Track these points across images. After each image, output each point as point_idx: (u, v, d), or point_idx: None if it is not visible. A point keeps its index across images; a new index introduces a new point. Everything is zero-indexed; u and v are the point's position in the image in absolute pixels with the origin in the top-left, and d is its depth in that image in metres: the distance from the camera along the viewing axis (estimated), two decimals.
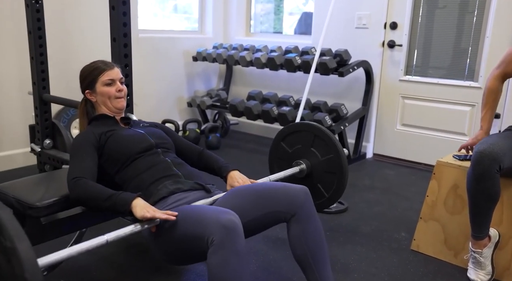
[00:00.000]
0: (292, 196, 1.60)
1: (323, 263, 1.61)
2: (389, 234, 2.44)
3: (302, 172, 2.16)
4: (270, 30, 4.73)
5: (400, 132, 3.77)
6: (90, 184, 1.57)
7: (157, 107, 4.19)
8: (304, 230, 1.59)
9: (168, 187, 1.65)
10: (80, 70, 1.87)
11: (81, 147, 1.71)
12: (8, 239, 1.03)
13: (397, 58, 3.67)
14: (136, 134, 1.81)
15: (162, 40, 4.17)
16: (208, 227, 1.36)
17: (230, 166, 1.90)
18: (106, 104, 1.83)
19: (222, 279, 1.32)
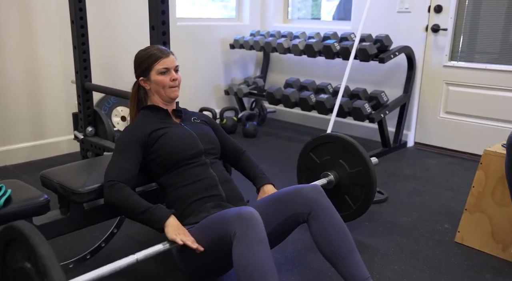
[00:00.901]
0: (305, 195, 1.61)
1: (349, 254, 1.58)
2: (431, 226, 2.36)
3: (330, 184, 2.15)
4: (307, 17, 4.65)
5: (444, 120, 3.64)
6: (127, 193, 1.60)
7: (195, 96, 4.22)
8: (323, 226, 1.59)
9: (210, 211, 1.67)
10: (135, 55, 1.84)
11: (127, 145, 1.72)
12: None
13: (441, 43, 3.52)
14: (187, 135, 1.80)
15: (200, 28, 4.17)
16: (229, 223, 1.41)
17: (265, 179, 1.92)
18: (159, 93, 1.80)
19: (246, 266, 1.35)
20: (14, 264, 1.24)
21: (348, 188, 2.15)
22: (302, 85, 3.89)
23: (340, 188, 2.17)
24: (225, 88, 4.47)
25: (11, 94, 3.15)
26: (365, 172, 2.09)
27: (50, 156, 3.36)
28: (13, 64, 3.12)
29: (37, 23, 3.18)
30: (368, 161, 2.09)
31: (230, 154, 2.00)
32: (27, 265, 1.16)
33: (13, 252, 1.25)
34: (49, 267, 1.09)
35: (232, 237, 1.39)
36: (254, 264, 1.35)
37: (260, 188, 1.89)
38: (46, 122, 3.35)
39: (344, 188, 2.16)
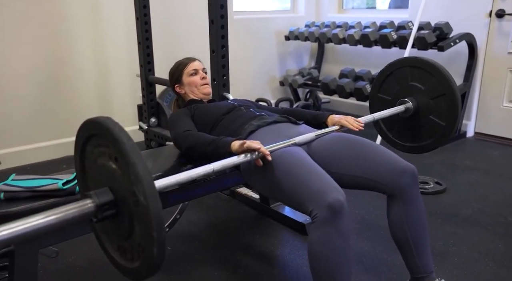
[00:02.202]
0: (399, 175, 1.49)
1: (424, 247, 1.53)
2: (493, 218, 2.25)
3: (408, 111, 1.97)
4: (362, 6, 4.52)
5: (507, 109, 3.43)
6: (195, 133, 1.70)
7: (251, 86, 4.24)
8: (407, 212, 1.51)
9: (254, 124, 1.69)
10: (169, 71, 2.09)
11: (180, 117, 1.85)
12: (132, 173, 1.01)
13: (506, 28, 3.31)
14: (220, 102, 1.97)
15: (255, 21, 4.18)
16: (313, 200, 1.31)
17: (326, 113, 1.88)
18: (194, 92, 2.02)
19: (323, 256, 1.31)
20: (96, 158, 1.18)
21: (430, 107, 1.96)
22: (357, 75, 3.81)
23: (422, 113, 1.98)
24: (280, 79, 4.46)
25: (82, 87, 3.32)
26: (440, 80, 1.89)
27: None
28: (84, 59, 3.29)
29: (105, 21, 3.32)
30: (438, 66, 1.90)
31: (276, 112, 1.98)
32: (112, 165, 1.10)
33: (96, 146, 1.19)
34: (141, 176, 0.99)
35: (311, 214, 1.31)
36: (330, 255, 1.30)
37: (327, 120, 1.82)
38: (113, 113, 3.50)
39: (426, 109, 1.97)
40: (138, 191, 1.01)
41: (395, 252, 1.66)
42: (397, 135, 2.12)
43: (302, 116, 1.90)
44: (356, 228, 2.17)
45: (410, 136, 2.07)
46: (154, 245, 1.01)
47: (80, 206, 1.09)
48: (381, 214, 2.27)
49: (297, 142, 1.57)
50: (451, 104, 1.88)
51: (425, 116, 1.96)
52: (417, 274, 1.53)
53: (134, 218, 1.06)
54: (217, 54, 2.33)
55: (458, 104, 1.88)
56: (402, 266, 1.60)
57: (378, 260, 1.90)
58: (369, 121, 1.86)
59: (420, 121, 1.98)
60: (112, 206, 1.10)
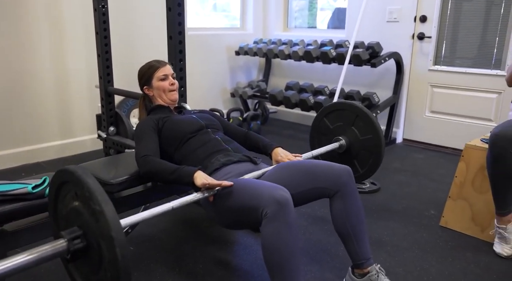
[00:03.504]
0: (337, 175, 1.63)
1: (362, 236, 1.64)
2: (419, 212, 2.45)
3: (341, 148, 2.16)
4: (303, 25, 4.73)
5: (429, 118, 3.73)
6: (158, 161, 1.68)
7: (204, 98, 4.30)
8: (346, 206, 1.63)
9: (220, 160, 1.73)
10: (138, 71, 2.02)
11: (144, 132, 1.82)
12: (97, 204, 1.14)
13: (426, 49, 3.61)
14: (188, 117, 1.93)
15: (208, 37, 4.26)
16: (262, 201, 1.41)
17: (274, 144, 1.97)
18: (161, 97, 1.97)
19: (275, 247, 1.39)
20: (67, 202, 1.26)
21: (357, 153, 2.16)
22: (301, 88, 3.98)
23: (350, 153, 2.17)
24: (231, 91, 4.55)
25: (42, 97, 3.24)
26: (376, 140, 2.10)
27: (77, 153, 3.45)
28: (44, 70, 3.21)
29: (66, 34, 3.26)
30: (379, 130, 2.10)
31: (235, 136, 2.03)
32: (81, 208, 1.19)
33: (64, 195, 1.29)
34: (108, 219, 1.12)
35: (262, 215, 1.40)
36: (282, 245, 1.38)
37: (272, 152, 1.93)
38: (73, 123, 3.43)
39: (354, 153, 2.17)
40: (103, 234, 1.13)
41: (338, 244, 1.77)
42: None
43: (255, 143, 2.01)
44: (303, 224, 2.28)
45: None
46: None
47: (54, 245, 1.19)
48: (325, 212, 2.41)
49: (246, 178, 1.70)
50: (374, 161, 2.11)
51: (356, 151, 2.17)
52: (357, 260, 1.64)
53: (103, 256, 1.16)
54: (175, 67, 2.38)
55: (379, 163, 2.11)
56: (344, 256, 1.71)
57: (323, 251, 2.02)
58: (308, 158, 2.00)
59: (352, 155, 2.18)
60: (82, 239, 1.20)
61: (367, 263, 1.63)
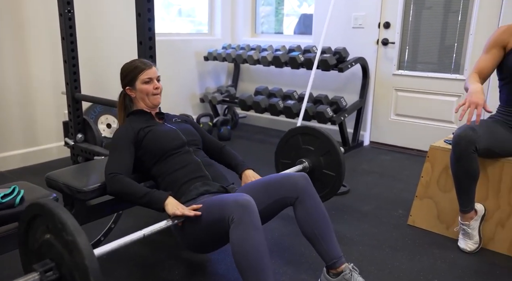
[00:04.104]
0: (294, 182, 1.70)
1: (329, 236, 1.69)
2: (388, 212, 2.54)
3: (304, 170, 2.24)
4: (270, 31, 4.80)
5: (394, 121, 3.86)
6: (127, 181, 1.66)
7: (174, 103, 4.28)
8: (308, 209, 1.68)
9: (198, 189, 1.74)
10: (121, 68, 1.92)
11: (120, 142, 1.79)
12: (69, 234, 1.16)
13: (390, 54, 3.75)
14: (170, 130, 1.89)
15: (176, 42, 4.25)
16: (227, 209, 1.47)
17: (245, 165, 2.00)
18: (144, 100, 1.90)
19: (245, 249, 1.42)
20: (36, 243, 1.27)
21: (320, 174, 2.24)
22: (270, 93, 4.03)
23: (313, 175, 2.24)
24: (200, 96, 4.55)
25: (5, 104, 3.13)
26: (336, 161, 2.18)
27: (42, 162, 3.35)
28: (7, 77, 3.11)
29: (30, 39, 3.17)
30: (339, 151, 2.18)
31: (211, 149, 2.06)
32: (47, 236, 1.21)
33: (35, 229, 1.29)
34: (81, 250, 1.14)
35: (229, 221, 1.45)
36: (250, 247, 1.42)
37: (242, 174, 1.97)
38: (37, 130, 3.34)
39: (317, 174, 2.24)
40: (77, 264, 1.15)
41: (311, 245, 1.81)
42: None
43: (229, 160, 2.05)
44: (276, 227, 2.32)
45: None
46: None
47: (26, 279, 1.19)
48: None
49: None
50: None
51: (320, 170, 2.24)
52: (329, 261, 1.68)
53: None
54: None
55: (340, 183, 2.20)
56: (318, 256, 1.74)
57: (297, 253, 2.06)
58: None
59: (316, 175, 2.25)
60: (55, 271, 1.22)
61: (340, 262, 1.68)
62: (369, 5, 3.72)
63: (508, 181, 2.02)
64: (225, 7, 4.63)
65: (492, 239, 2.09)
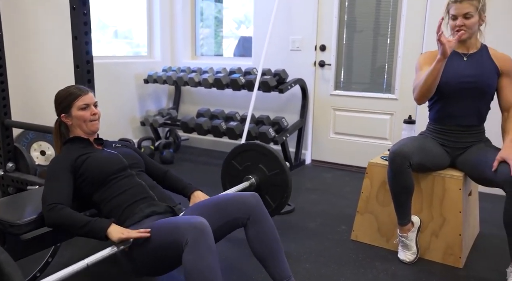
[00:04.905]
0: (244, 202, 1.71)
1: (280, 256, 1.72)
2: (332, 228, 2.62)
3: (251, 186, 2.27)
4: (209, 53, 4.85)
5: (333, 139, 4.02)
6: (66, 212, 1.59)
7: (113, 127, 4.17)
8: (259, 230, 1.70)
9: (144, 210, 1.70)
10: (55, 95, 1.86)
11: (57, 171, 1.72)
12: (2, 271, 1.10)
13: (327, 75, 3.93)
14: (110, 155, 1.84)
15: (115, 65, 4.17)
16: (181, 232, 1.45)
17: (193, 187, 2.00)
18: (81, 127, 1.84)
19: (199, 271, 1.40)
20: None
21: (268, 189, 2.27)
22: (212, 114, 4.06)
23: (261, 190, 2.27)
24: (141, 119, 4.47)
25: None
26: (282, 174, 2.23)
27: None
28: None
29: None
30: (284, 164, 2.23)
31: (154, 175, 2.02)
32: None
33: None
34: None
35: (183, 245, 1.42)
36: (204, 270, 1.40)
37: (191, 195, 1.95)
38: None
39: (264, 189, 2.27)
40: None
41: (260, 267, 1.82)
42: None
43: (175, 183, 2.03)
44: (223, 250, 2.30)
45: None
46: None
47: None
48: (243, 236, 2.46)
49: None
50: (283, 194, 2.25)
51: (266, 187, 2.29)
52: (279, 280, 1.71)
53: None
54: None
55: (288, 196, 2.26)
56: (267, 278, 1.76)
57: (247, 275, 2.06)
58: None
59: (264, 191, 2.30)
60: None
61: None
62: (305, 28, 3.90)
63: (439, 193, 2.18)
64: (164, 29, 4.63)
65: (428, 248, 2.23)
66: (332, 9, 3.78)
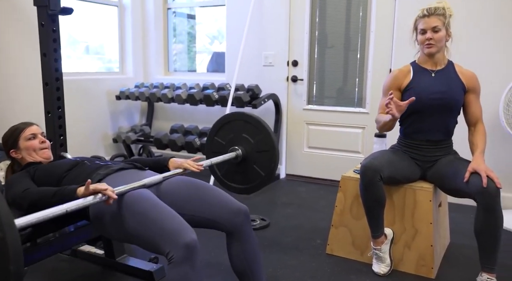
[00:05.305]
0: (234, 215, 1.68)
1: (259, 273, 1.73)
2: (307, 243, 2.63)
3: (238, 157, 2.20)
4: (183, 69, 4.85)
5: (307, 153, 4.06)
6: (37, 189, 1.62)
7: (84, 145, 4.08)
8: (244, 248, 1.70)
9: (101, 173, 1.69)
10: (2, 137, 1.89)
11: (18, 179, 1.73)
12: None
13: (299, 90, 3.99)
14: (62, 160, 1.89)
15: (86, 82, 4.11)
16: (168, 242, 1.39)
17: (168, 157, 1.97)
18: (32, 156, 1.87)
19: None
20: None
21: (255, 157, 2.21)
22: (186, 130, 4.04)
23: (248, 160, 2.22)
24: (113, 136, 4.40)
25: None
26: (267, 138, 2.18)
27: None
28: None
29: None
30: (267, 128, 2.18)
31: None
32: None
33: None
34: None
35: (167, 256, 1.38)
36: None
37: (169, 163, 1.93)
38: None
39: (251, 158, 2.22)
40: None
41: None
42: (227, 177, 2.37)
43: (145, 163, 1.95)
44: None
45: (238, 179, 2.34)
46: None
47: None
48: (219, 252, 2.43)
49: (146, 184, 1.64)
50: (271, 159, 2.22)
51: (250, 164, 2.25)
52: None
53: None
54: (53, 115, 2.27)
55: (276, 160, 2.21)
56: None
57: None
58: (207, 165, 2.07)
59: (246, 167, 2.26)
60: None
61: None
62: (277, 44, 3.95)
63: (411, 205, 2.23)
64: (136, 44, 4.61)
65: (401, 260, 2.26)
66: (303, 25, 3.86)
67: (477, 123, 2.18)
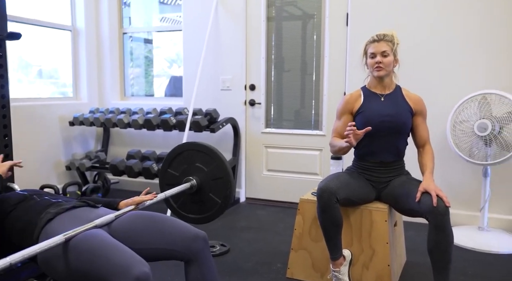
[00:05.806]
0: (192, 241, 1.63)
1: None
2: (268, 267, 2.61)
3: (193, 187, 2.18)
4: (140, 93, 4.80)
5: (266, 176, 4.08)
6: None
7: (34, 174, 3.90)
8: (202, 272, 1.65)
9: (51, 211, 1.61)
10: None
11: None
12: None
13: (257, 114, 4.03)
14: (6, 194, 1.78)
15: (36, 108, 3.96)
16: (118, 277, 1.33)
17: (117, 199, 1.91)
18: None
19: None
20: None
21: (210, 186, 2.19)
22: (143, 156, 3.96)
23: (203, 190, 2.19)
24: (66, 163, 4.24)
25: None
26: (220, 165, 2.16)
27: None
28: None
29: None
30: (219, 154, 2.16)
31: None
32: None
33: None
34: None
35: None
36: None
37: (119, 205, 1.86)
38: None
39: (207, 187, 2.19)
40: None
41: None
42: (184, 208, 2.33)
43: (97, 202, 1.88)
44: None
45: (195, 209, 2.31)
46: None
47: None
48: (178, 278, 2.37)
49: (98, 224, 1.58)
50: (226, 185, 2.22)
51: (206, 193, 2.24)
52: None
53: None
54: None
55: (232, 186, 2.22)
56: None
57: None
58: (161, 199, 2.02)
59: (202, 196, 2.24)
60: None
61: None
62: (235, 68, 4.00)
63: (367, 225, 2.27)
64: (91, 69, 4.52)
65: (360, 280, 2.28)
66: (260, 49, 3.93)
67: (425, 145, 2.28)
